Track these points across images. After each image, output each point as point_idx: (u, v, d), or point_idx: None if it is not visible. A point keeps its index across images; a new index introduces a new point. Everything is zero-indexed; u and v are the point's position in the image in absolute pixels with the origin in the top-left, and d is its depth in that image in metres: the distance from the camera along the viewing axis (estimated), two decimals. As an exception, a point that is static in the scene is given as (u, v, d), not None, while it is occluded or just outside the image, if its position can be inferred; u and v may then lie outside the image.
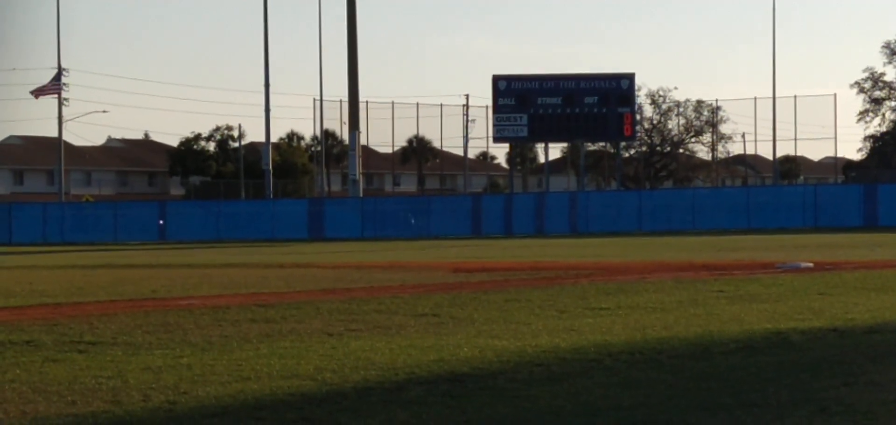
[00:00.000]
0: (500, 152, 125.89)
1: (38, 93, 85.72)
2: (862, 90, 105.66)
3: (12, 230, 72.23)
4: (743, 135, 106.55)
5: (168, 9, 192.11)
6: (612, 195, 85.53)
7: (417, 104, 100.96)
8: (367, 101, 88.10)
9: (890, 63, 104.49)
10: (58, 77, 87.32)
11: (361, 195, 78.52)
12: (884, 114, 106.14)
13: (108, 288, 23.55)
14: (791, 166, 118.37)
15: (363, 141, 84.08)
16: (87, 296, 20.94)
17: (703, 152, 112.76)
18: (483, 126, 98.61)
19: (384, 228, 72.02)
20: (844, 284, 20.88)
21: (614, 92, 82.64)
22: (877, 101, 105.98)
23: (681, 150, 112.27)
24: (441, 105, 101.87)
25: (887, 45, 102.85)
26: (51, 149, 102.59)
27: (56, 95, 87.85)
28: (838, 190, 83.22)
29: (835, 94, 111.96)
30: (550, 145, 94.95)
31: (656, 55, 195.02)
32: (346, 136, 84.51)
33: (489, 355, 12.02)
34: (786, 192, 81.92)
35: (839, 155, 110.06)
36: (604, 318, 15.53)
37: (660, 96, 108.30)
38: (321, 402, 9.51)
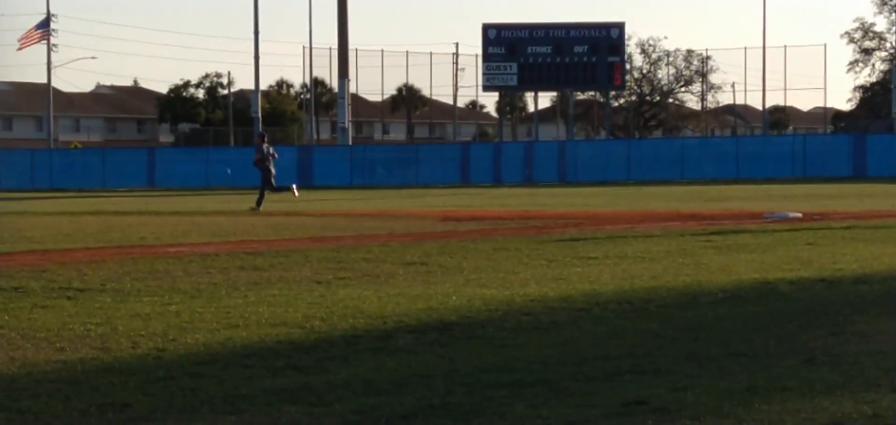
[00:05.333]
0: (490, 101, 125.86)
1: (24, 42, 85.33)
2: (852, 40, 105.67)
3: (0, 176, 72.06)
4: (732, 85, 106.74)
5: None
6: (602, 144, 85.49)
7: (407, 52, 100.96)
8: (356, 49, 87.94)
9: (880, 13, 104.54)
10: (46, 23, 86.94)
11: (350, 143, 78.45)
12: (874, 65, 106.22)
13: (96, 235, 23.52)
14: (780, 116, 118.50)
15: (352, 89, 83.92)
16: (76, 243, 20.92)
17: (692, 102, 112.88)
18: (472, 75, 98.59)
19: (373, 177, 72.00)
20: (832, 235, 20.92)
21: (604, 41, 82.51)
22: (867, 52, 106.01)
23: (670, 100, 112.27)
24: (431, 53, 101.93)
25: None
26: (39, 95, 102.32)
27: (45, 42, 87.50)
28: (827, 140, 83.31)
29: (825, 45, 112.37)
30: (540, 94, 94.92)
31: (647, 4, 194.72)
32: (335, 84, 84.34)
33: (477, 304, 12.03)
34: (775, 142, 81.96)
35: (829, 105, 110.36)
36: (592, 268, 15.55)
37: (650, 46, 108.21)
38: (310, 350, 9.52)
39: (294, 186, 37.21)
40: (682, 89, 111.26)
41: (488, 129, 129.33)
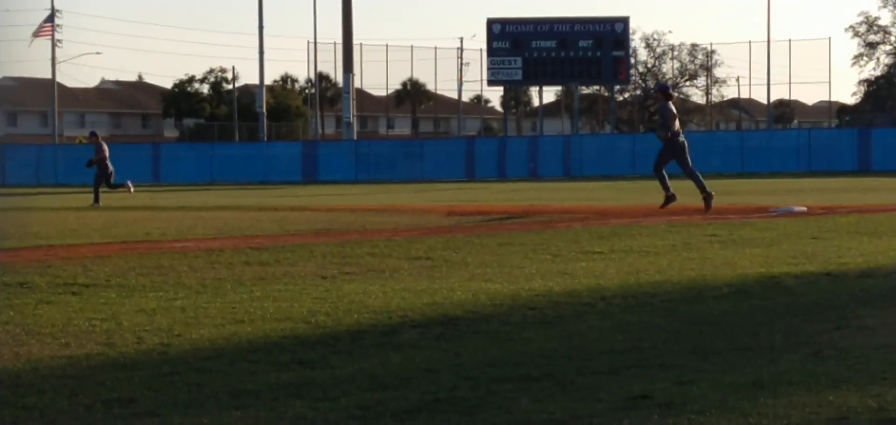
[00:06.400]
0: (495, 95, 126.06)
1: (36, 36, 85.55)
2: (856, 34, 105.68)
3: (6, 171, 72.09)
4: (737, 79, 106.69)
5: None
6: (606, 139, 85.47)
7: (411, 47, 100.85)
8: (361, 44, 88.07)
9: (885, 7, 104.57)
10: (51, 18, 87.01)
11: (355, 138, 78.45)
12: (878, 59, 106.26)
13: (101, 230, 23.52)
14: (785, 110, 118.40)
15: (357, 83, 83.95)
16: (81, 238, 20.92)
17: (697, 96, 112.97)
18: (477, 69, 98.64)
19: (378, 171, 72.00)
20: (838, 228, 20.89)
21: (609, 35, 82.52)
22: (871, 45, 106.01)
23: (675, 94, 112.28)
24: (435, 48, 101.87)
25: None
26: (44, 90, 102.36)
27: (49, 37, 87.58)
28: (832, 134, 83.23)
29: (829, 38, 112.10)
30: (545, 89, 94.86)
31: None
32: (339, 79, 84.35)
33: (483, 298, 12.02)
34: (780, 136, 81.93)
35: (833, 99, 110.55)
36: (597, 262, 15.54)
37: (654, 40, 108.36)
38: (315, 345, 9.51)
39: (129, 182, 40.30)
40: (687, 83, 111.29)
41: (493, 124, 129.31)
